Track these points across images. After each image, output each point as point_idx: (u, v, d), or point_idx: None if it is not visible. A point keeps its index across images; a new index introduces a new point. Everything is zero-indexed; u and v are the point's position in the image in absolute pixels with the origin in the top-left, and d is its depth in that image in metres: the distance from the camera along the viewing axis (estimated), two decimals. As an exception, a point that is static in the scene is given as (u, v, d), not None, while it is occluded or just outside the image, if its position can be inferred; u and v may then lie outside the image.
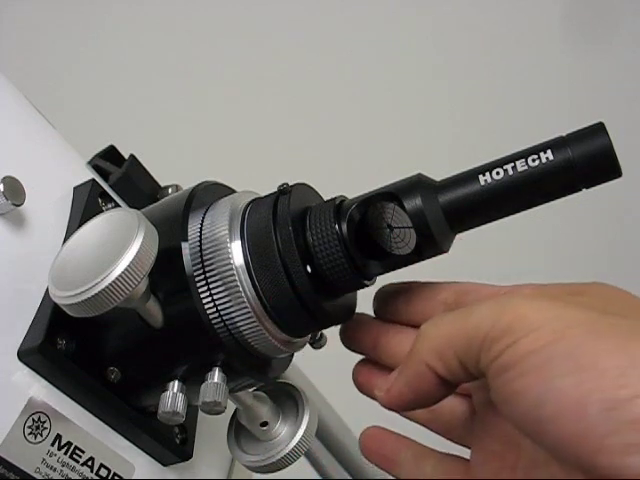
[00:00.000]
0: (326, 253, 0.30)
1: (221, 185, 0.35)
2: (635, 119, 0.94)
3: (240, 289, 0.29)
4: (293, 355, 0.34)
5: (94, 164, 0.41)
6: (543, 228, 0.85)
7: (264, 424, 0.34)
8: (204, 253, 0.30)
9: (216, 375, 0.30)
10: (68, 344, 0.30)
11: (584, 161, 0.27)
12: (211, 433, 0.39)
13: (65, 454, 0.31)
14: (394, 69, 1.03)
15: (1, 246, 0.30)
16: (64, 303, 0.27)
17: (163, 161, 0.50)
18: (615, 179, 0.27)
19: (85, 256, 0.28)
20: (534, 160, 0.28)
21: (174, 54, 1.01)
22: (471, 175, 0.29)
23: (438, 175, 0.31)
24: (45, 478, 0.30)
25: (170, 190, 0.41)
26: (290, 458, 0.34)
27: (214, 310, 0.30)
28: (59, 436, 0.30)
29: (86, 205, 0.34)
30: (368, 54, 1.03)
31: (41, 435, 0.30)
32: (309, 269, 0.30)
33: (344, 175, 0.74)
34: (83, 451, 0.31)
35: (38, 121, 0.37)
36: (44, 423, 0.30)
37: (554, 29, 1.01)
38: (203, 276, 0.30)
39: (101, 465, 0.32)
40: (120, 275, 0.26)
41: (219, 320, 0.30)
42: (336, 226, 0.30)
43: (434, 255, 0.30)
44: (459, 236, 0.30)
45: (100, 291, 0.26)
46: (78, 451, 0.31)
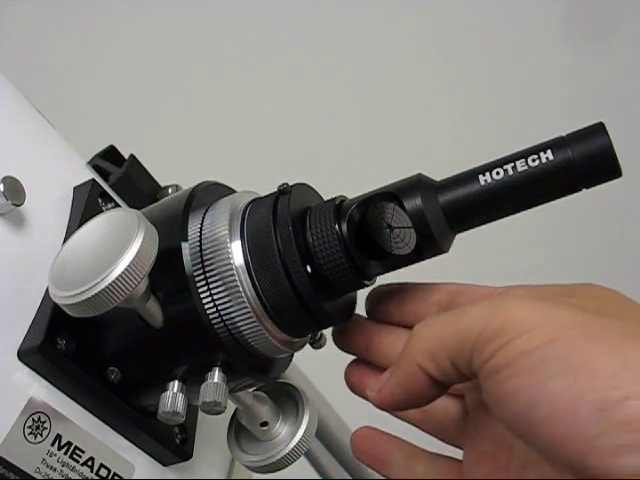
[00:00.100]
0: (326, 253, 0.30)
1: (221, 185, 0.35)
2: (635, 119, 0.94)
3: (240, 289, 0.29)
4: (293, 355, 0.34)
5: (94, 164, 0.41)
6: (543, 228, 0.85)
7: (264, 424, 0.34)
8: (204, 253, 0.30)
9: (216, 375, 0.30)
10: (68, 344, 0.30)
11: (584, 161, 0.27)
12: (211, 433, 0.39)
13: (65, 454, 0.31)
14: (394, 69, 1.03)
15: (1, 246, 0.30)
16: (64, 303, 0.27)
17: (163, 161, 0.50)
18: (615, 179, 0.27)
19: (85, 256, 0.28)
20: (534, 160, 0.28)
21: (174, 54, 1.01)
22: (471, 175, 0.29)
23: (438, 175, 0.31)
24: (45, 478, 0.30)
25: (170, 190, 0.41)
26: (290, 458, 0.34)
27: (214, 310, 0.30)
28: (59, 436, 0.30)
29: (86, 205, 0.34)
30: (368, 54, 1.03)
31: (41, 435, 0.30)
32: (309, 269, 0.30)
33: (344, 175, 0.74)
34: (83, 451, 0.31)
35: (38, 121, 0.37)
36: (44, 423, 0.30)
37: (554, 29, 1.01)
38: (203, 276, 0.30)
39: (101, 465, 0.32)
40: (120, 275, 0.26)
41: (219, 320, 0.30)
42: (336, 226, 0.30)
43: (434, 255, 0.30)
44: (459, 236, 0.30)
45: (100, 291, 0.26)
46: (78, 451, 0.31)
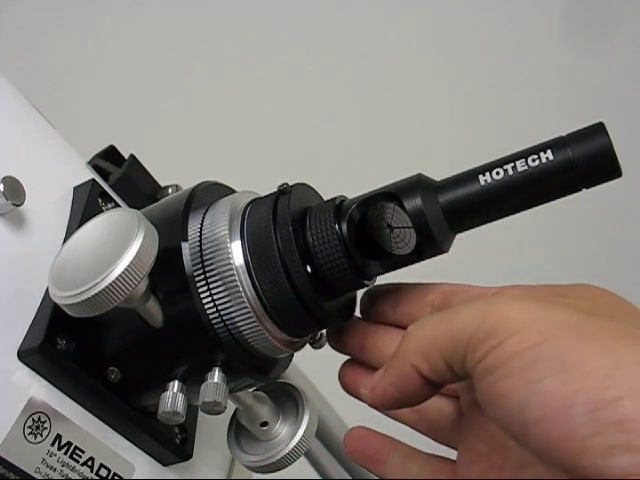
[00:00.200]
0: (326, 253, 0.30)
1: (221, 185, 0.35)
2: (635, 119, 0.94)
3: (240, 289, 0.29)
4: (293, 355, 0.34)
5: (94, 164, 0.41)
6: (543, 228, 0.85)
7: (264, 424, 0.34)
8: (204, 253, 0.30)
9: (216, 375, 0.30)
10: (68, 344, 0.30)
11: (584, 161, 0.27)
12: (211, 433, 0.39)
13: (65, 454, 0.31)
14: (394, 69, 1.03)
15: (1, 246, 0.30)
16: (64, 303, 0.27)
17: (163, 161, 0.50)
18: (615, 179, 0.27)
19: (85, 256, 0.28)
20: (534, 160, 0.28)
21: (174, 54, 1.01)
22: (471, 175, 0.29)
23: (438, 175, 0.31)
24: (45, 478, 0.30)
25: (170, 190, 0.41)
26: (290, 458, 0.34)
27: (214, 310, 0.30)
28: (59, 436, 0.30)
29: (86, 205, 0.34)
30: (368, 54, 1.03)
31: (41, 435, 0.30)
32: (309, 269, 0.30)
33: (344, 175, 0.74)
34: (83, 451, 0.31)
35: (38, 121, 0.37)
36: (44, 423, 0.30)
37: (554, 29, 1.01)
38: (203, 276, 0.30)
39: (101, 465, 0.32)
40: (120, 275, 0.26)
41: (219, 320, 0.30)
42: (336, 226, 0.30)
43: (434, 255, 0.30)
44: (459, 236, 0.30)
45: (100, 291, 0.26)
46: (78, 451, 0.31)
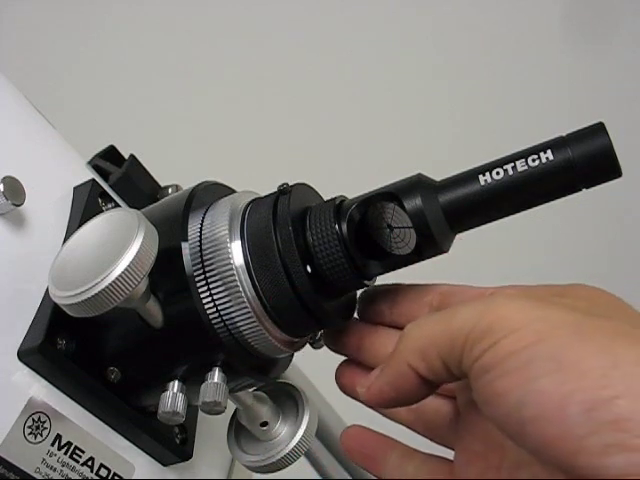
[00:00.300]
0: (326, 253, 0.30)
1: (221, 185, 0.35)
2: (635, 119, 0.94)
3: (240, 289, 0.29)
4: (293, 355, 0.34)
5: (94, 164, 0.41)
6: (543, 228, 0.85)
7: (264, 424, 0.34)
8: (204, 253, 0.30)
9: (216, 375, 0.30)
10: (68, 344, 0.30)
11: (584, 161, 0.27)
12: (211, 433, 0.39)
13: (65, 454, 0.31)
14: (394, 69, 1.03)
15: (1, 246, 0.30)
16: (64, 303, 0.27)
17: (163, 161, 0.50)
18: (615, 179, 0.27)
19: (85, 256, 0.28)
20: (534, 160, 0.28)
21: (174, 54, 1.01)
22: (471, 175, 0.29)
23: (438, 175, 0.31)
24: (45, 478, 0.30)
25: (170, 190, 0.41)
26: (290, 458, 0.34)
27: (214, 310, 0.30)
28: (59, 436, 0.30)
29: (86, 205, 0.34)
30: (368, 54, 1.03)
31: (41, 435, 0.30)
32: (309, 269, 0.30)
33: (344, 175, 0.74)
34: (83, 451, 0.31)
35: (38, 121, 0.37)
36: (44, 423, 0.30)
37: (554, 29, 1.01)
38: (203, 276, 0.30)
39: (101, 465, 0.32)
40: (120, 275, 0.26)
41: (219, 320, 0.30)
42: (336, 226, 0.30)
43: (434, 255, 0.30)
44: (459, 236, 0.30)
45: (100, 291, 0.26)
46: (78, 451, 0.31)
